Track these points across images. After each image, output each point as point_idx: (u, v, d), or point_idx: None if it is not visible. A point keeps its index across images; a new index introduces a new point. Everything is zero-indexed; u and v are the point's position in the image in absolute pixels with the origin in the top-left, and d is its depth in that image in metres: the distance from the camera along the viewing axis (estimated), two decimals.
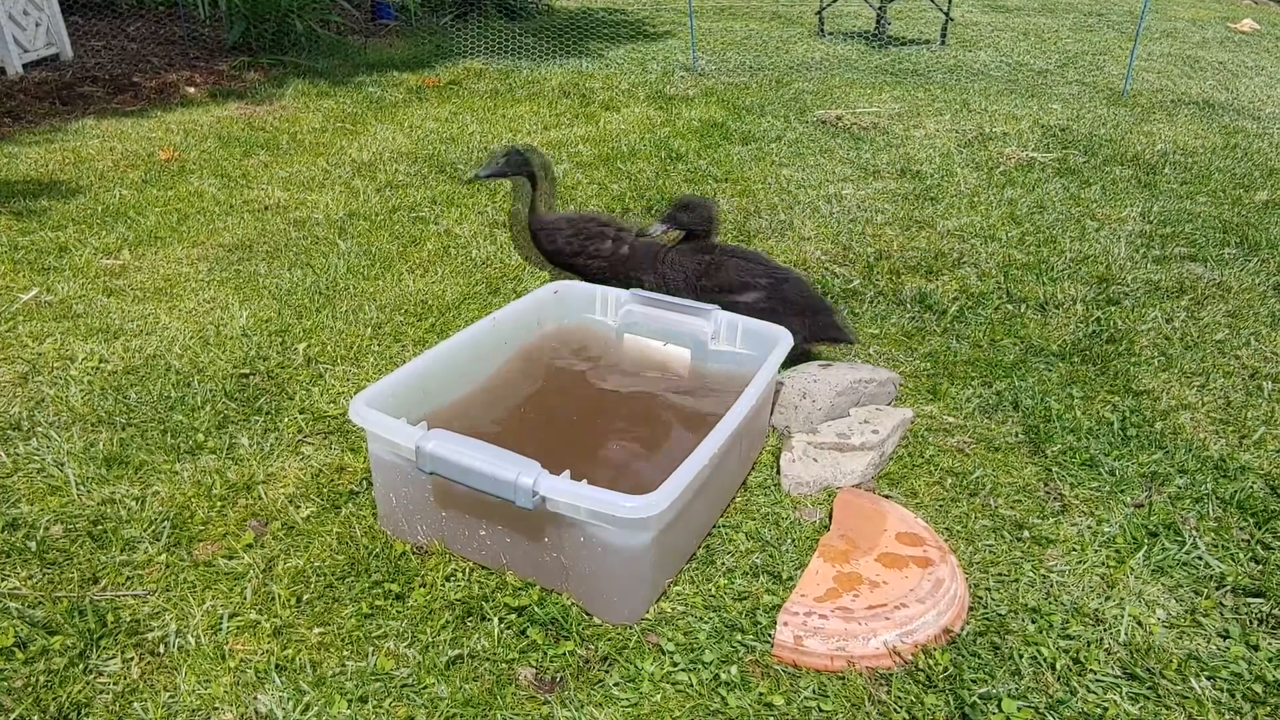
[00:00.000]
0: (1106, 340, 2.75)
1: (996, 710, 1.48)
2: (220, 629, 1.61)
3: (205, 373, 2.44)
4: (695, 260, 2.45)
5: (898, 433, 2.19)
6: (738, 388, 1.90)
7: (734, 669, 1.55)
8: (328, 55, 6.77)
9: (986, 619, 1.67)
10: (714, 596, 1.72)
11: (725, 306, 2.26)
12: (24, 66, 5.81)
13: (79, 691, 1.48)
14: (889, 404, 2.36)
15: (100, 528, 1.84)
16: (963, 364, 2.60)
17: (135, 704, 1.46)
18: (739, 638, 1.62)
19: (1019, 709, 1.48)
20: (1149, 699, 1.51)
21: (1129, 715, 1.48)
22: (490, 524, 1.70)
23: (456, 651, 1.57)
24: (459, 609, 1.66)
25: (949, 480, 2.09)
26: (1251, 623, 1.68)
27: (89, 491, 1.95)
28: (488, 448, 1.61)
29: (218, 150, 4.50)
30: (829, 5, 8.33)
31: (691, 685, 1.52)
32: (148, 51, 6.68)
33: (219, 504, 1.93)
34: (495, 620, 1.63)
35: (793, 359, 2.31)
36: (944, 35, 7.81)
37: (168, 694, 1.48)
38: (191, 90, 5.75)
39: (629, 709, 1.48)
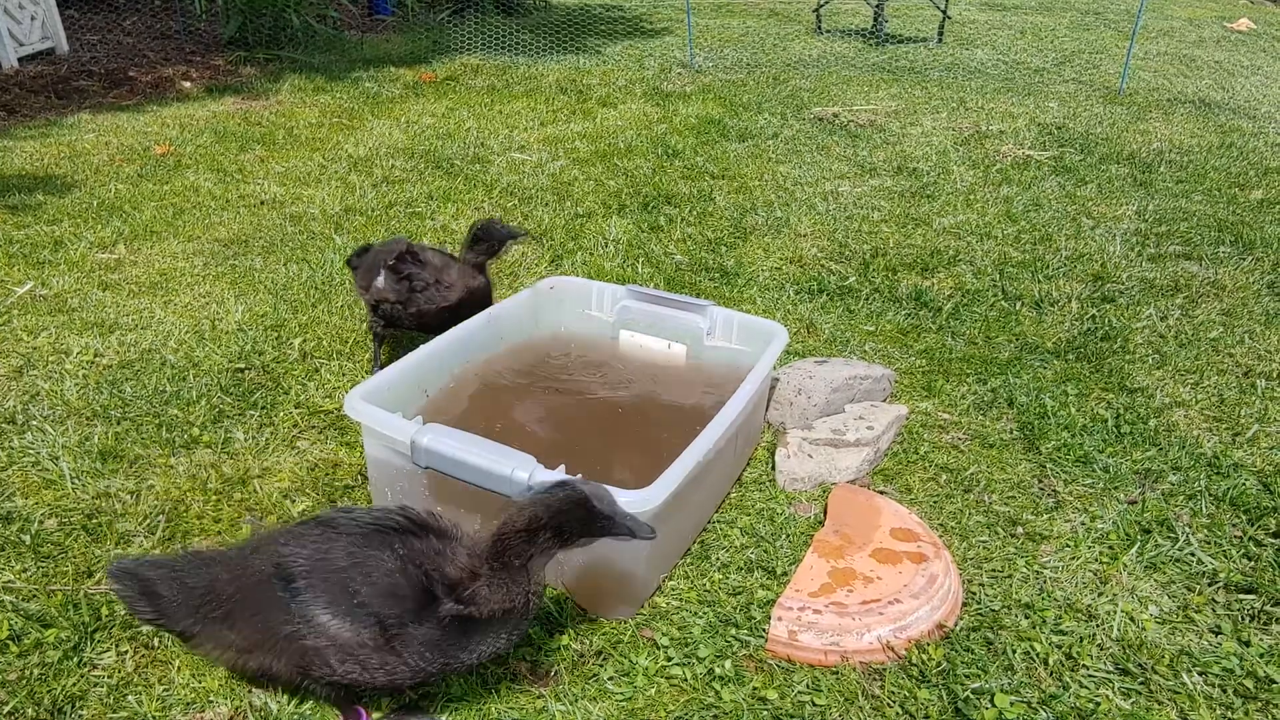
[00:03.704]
0: (1101, 338, 2.76)
1: (989, 705, 1.48)
2: None
3: (200, 367, 2.44)
4: None
5: (893, 429, 2.20)
6: (733, 383, 1.91)
7: (728, 663, 1.55)
8: (324, 50, 6.75)
9: (980, 614, 1.68)
10: (709, 591, 1.72)
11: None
12: (19, 60, 5.78)
13: (73, 684, 1.47)
14: (884, 400, 2.37)
15: (95, 521, 1.84)
16: (958, 361, 2.61)
17: (129, 697, 1.46)
18: (733, 632, 1.62)
19: (1011, 704, 1.48)
20: (1141, 694, 1.52)
21: (1121, 710, 1.49)
22: (486, 518, 1.70)
23: None
24: None
25: (943, 476, 2.09)
26: (1243, 619, 1.69)
27: (84, 485, 1.95)
28: (482, 442, 1.61)
29: (213, 145, 4.49)
30: (826, 3, 8.33)
31: (685, 679, 1.52)
32: (143, 46, 6.65)
33: (214, 498, 1.93)
34: None
35: None
36: (941, 33, 7.81)
37: (162, 687, 1.48)
38: (187, 85, 5.73)
39: (623, 703, 1.48)
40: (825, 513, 1.91)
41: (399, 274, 2.34)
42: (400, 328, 2.41)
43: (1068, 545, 1.87)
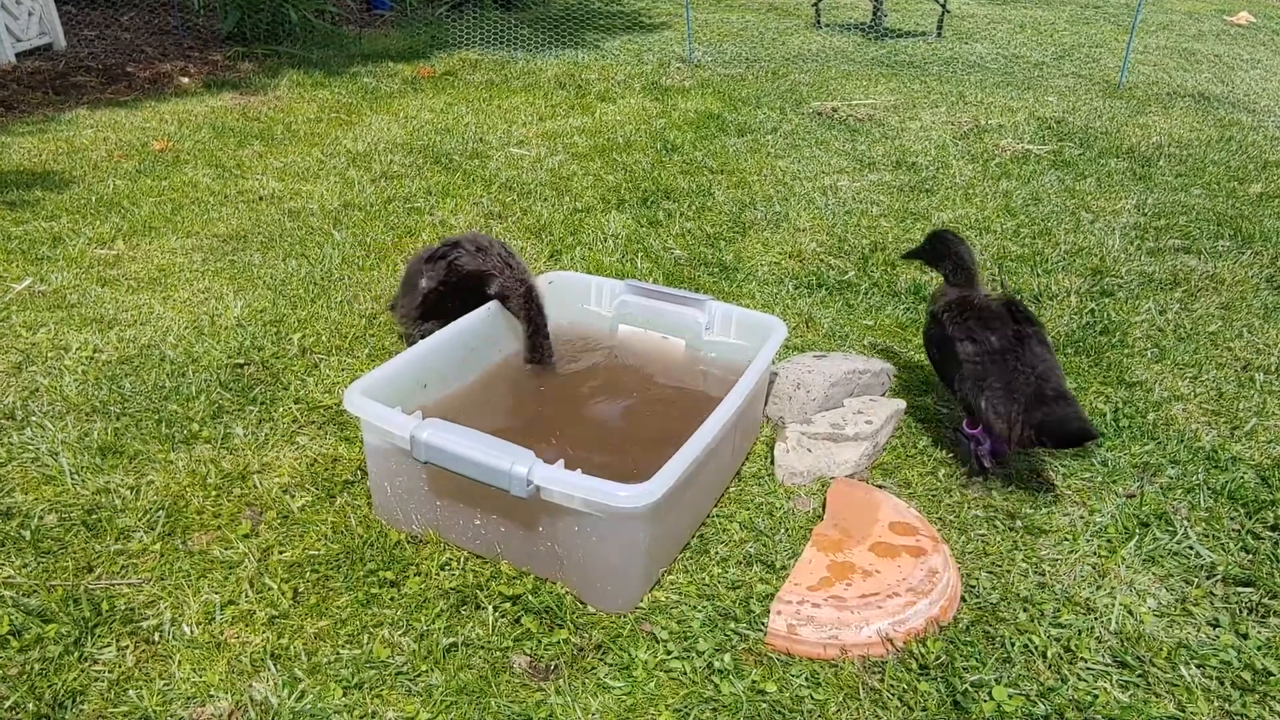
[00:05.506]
0: (1100, 332, 2.76)
1: (988, 698, 1.49)
2: (215, 618, 1.61)
3: (200, 363, 2.44)
4: None
5: (891, 423, 2.20)
6: (732, 378, 1.91)
7: (727, 657, 1.56)
8: (322, 45, 6.74)
9: (979, 608, 1.68)
10: (708, 585, 1.72)
11: None
12: (17, 56, 5.77)
13: (74, 679, 1.48)
14: (883, 395, 2.37)
15: (95, 517, 1.84)
16: None
17: (130, 691, 1.46)
18: (732, 626, 1.62)
19: (1010, 696, 1.49)
20: (1139, 687, 1.53)
21: (1119, 703, 1.49)
22: (485, 513, 1.70)
23: (451, 640, 1.57)
24: (454, 597, 1.67)
25: (942, 470, 2.09)
26: (1241, 612, 1.69)
27: (83, 481, 1.95)
28: (482, 437, 1.61)
29: (212, 140, 4.48)
30: None
31: (685, 673, 1.53)
32: (141, 41, 6.64)
33: (214, 493, 1.94)
34: (490, 609, 1.64)
35: None
36: (940, 27, 7.80)
37: (163, 682, 1.49)
38: (185, 80, 5.72)
39: (622, 697, 1.48)
40: (824, 507, 1.92)
41: (436, 259, 2.34)
42: (451, 311, 2.24)
43: (1066, 539, 1.87)
